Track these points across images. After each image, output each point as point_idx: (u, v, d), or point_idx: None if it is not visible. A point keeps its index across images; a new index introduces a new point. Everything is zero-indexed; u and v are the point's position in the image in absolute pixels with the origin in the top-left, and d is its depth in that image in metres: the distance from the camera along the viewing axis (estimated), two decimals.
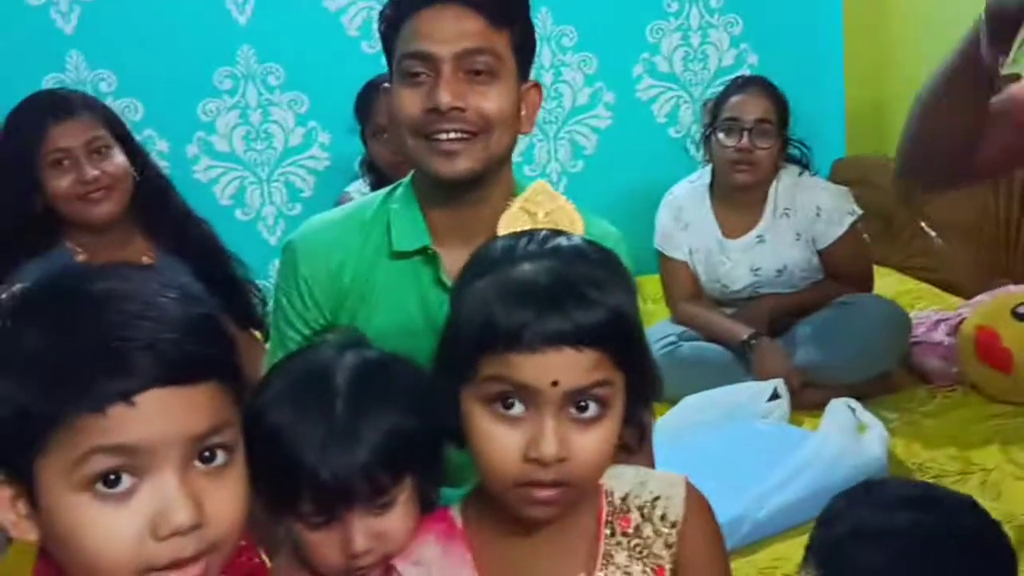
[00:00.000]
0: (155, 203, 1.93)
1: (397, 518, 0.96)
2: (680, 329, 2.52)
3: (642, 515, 0.98)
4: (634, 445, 0.98)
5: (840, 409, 2.09)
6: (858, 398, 2.16)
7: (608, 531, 0.98)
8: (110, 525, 0.70)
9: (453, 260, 1.22)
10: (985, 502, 1.74)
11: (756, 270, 2.49)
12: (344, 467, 0.92)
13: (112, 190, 1.82)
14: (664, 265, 2.60)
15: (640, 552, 0.97)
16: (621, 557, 0.97)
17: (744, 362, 2.39)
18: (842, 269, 2.48)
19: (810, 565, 0.99)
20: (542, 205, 0.98)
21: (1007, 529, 0.96)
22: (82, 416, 0.69)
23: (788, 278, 2.49)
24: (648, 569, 0.96)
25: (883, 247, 3.02)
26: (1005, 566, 0.94)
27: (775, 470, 1.91)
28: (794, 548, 1.80)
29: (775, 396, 2.26)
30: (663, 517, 0.98)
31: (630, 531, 0.98)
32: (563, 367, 0.86)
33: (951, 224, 2.80)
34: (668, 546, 0.97)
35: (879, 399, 2.28)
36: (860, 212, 2.47)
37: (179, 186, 2.04)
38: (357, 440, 0.93)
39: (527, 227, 0.97)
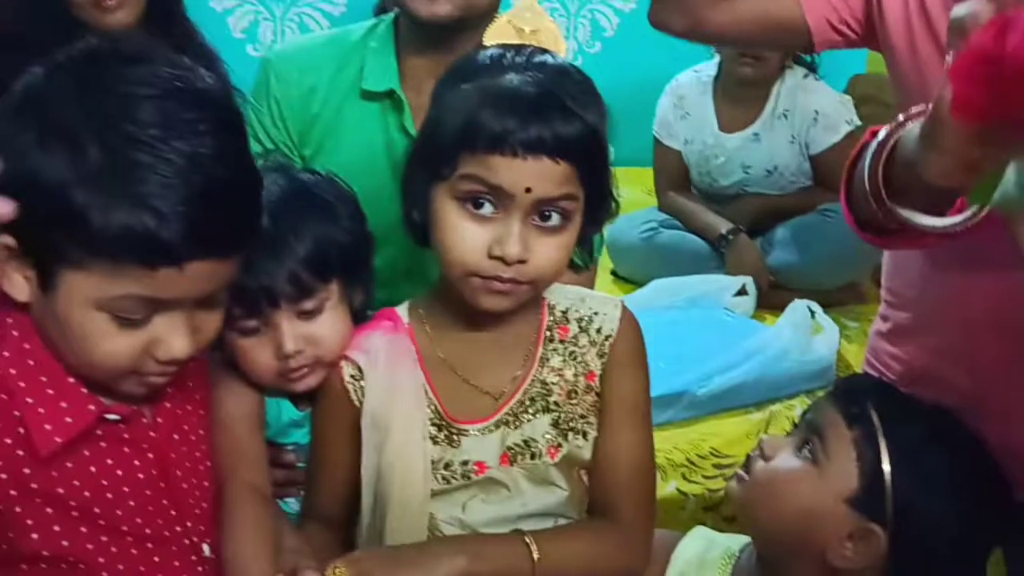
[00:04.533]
0: (165, 16, 1.91)
1: (326, 323, 1.03)
2: (663, 217, 2.57)
3: (580, 327, 1.05)
4: (583, 263, 1.05)
5: (799, 309, 2.16)
6: (825, 305, 2.22)
7: (547, 336, 1.05)
8: (117, 343, 0.81)
9: (420, 106, 1.18)
10: None
11: (747, 168, 2.52)
12: (267, 272, 0.98)
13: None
14: (658, 152, 2.62)
15: (574, 358, 1.04)
16: (556, 360, 1.04)
17: (719, 256, 2.45)
18: (831, 178, 2.49)
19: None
20: (529, 22, 1.02)
21: None
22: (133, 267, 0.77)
23: (777, 179, 2.52)
24: (580, 374, 1.04)
25: None
26: None
27: (723, 353, 1.98)
28: (724, 427, 1.91)
29: (743, 292, 2.32)
30: (599, 330, 1.05)
31: (567, 339, 1.05)
32: (538, 175, 0.92)
33: None
34: (600, 356, 1.04)
35: (844, 308, 2.35)
36: (859, 123, 2.48)
37: (193, 13, 2.02)
38: (281, 249, 0.99)
39: (513, 40, 1.01)
